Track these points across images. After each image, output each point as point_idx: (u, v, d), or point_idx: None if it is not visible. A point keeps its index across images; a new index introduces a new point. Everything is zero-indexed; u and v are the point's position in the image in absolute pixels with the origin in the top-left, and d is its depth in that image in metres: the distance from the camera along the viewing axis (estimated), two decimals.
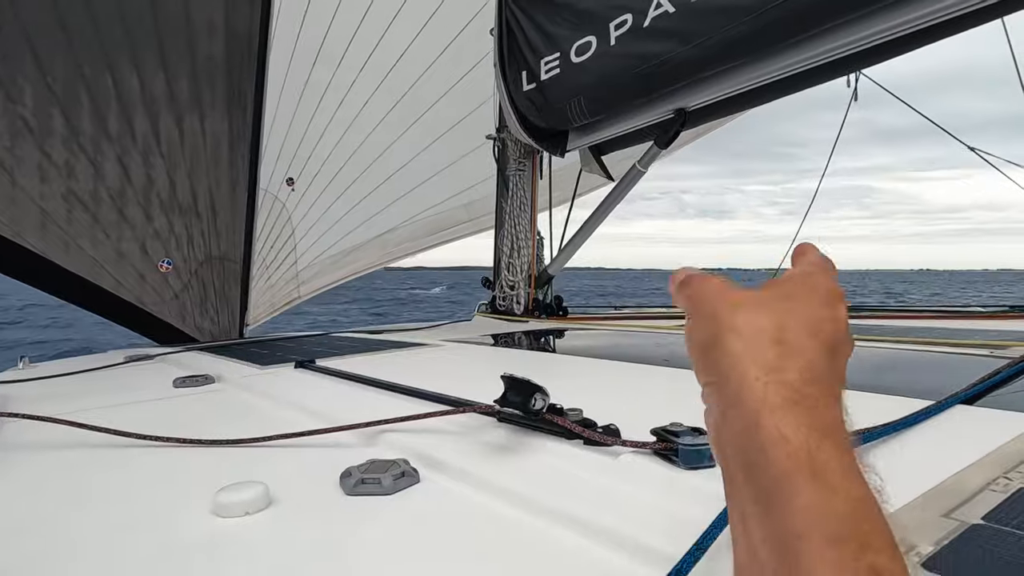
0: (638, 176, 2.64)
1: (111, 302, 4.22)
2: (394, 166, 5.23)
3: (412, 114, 5.04)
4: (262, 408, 1.38)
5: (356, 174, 5.17)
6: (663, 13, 2.13)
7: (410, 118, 5.05)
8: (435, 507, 0.77)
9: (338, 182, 5.15)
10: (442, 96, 5.01)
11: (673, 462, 0.76)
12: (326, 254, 5.42)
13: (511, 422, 0.99)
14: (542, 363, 1.88)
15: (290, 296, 5.51)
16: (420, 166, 5.28)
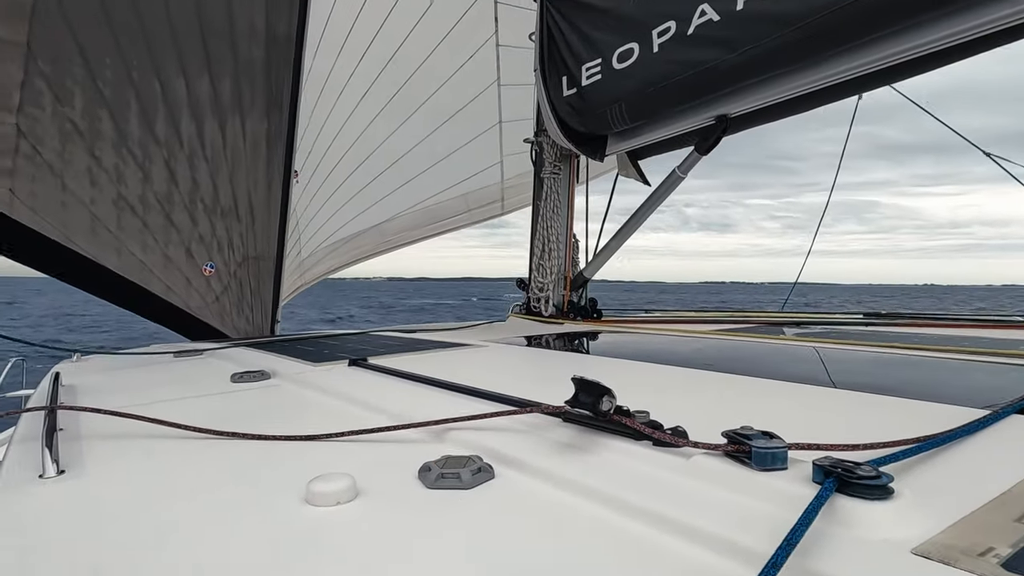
0: (677, 181, 2.66)
1: (160, 306, 4.31)
2: (393, 156, 5.29)
3: (411, 104, 5.08)
4: (325, 404, 1.41)
5: (356, 164, 5.23)
6: (707, 21, 2.15)
7: (409, 108, 5.10)
8: (514, 502, 0.80)
9: (338, 172, 5.22)
10: (440, 86, 5.05)
11: (745, 464, 0.79)
12: (327, 242, 5.50)
13: (577, 422, 1.02)
14: (585, 365, 1.91)
15: (295, 284, 5.60)
16: (419, 156, 5.34)
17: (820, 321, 2.77)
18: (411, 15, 4.70)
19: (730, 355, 2.00)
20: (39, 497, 0.90)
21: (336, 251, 5.77)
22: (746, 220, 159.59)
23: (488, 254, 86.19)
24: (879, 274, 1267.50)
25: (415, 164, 5.43)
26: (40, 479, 0.96)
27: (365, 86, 4.96)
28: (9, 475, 1.01)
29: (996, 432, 0.94)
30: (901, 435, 0.84)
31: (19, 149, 3.53)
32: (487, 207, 5.75)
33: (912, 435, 0.85)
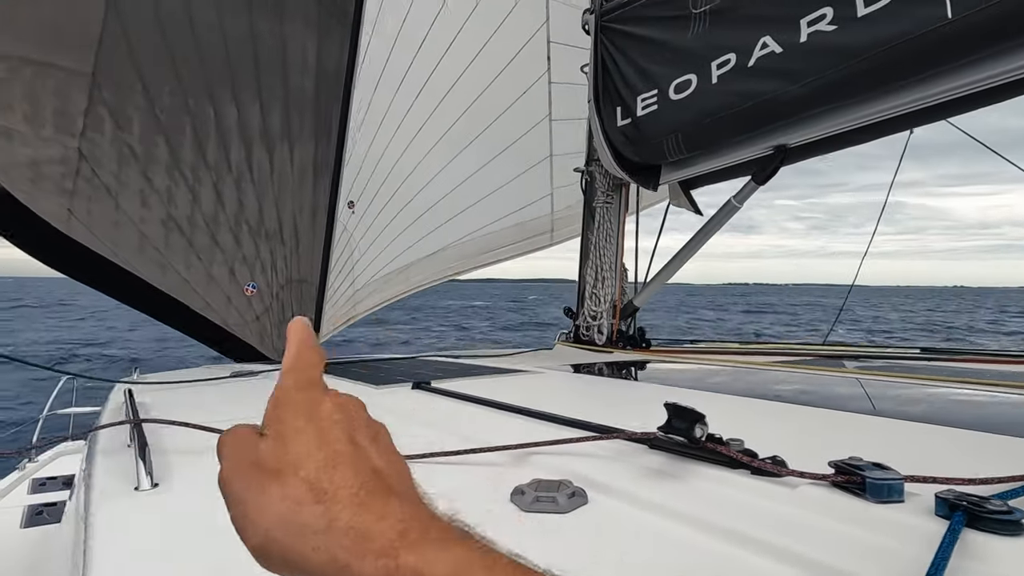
0: (733, 211, 2.65)
1: (199, 322, 4.41)
2: (446, 188, 5.38)
3: (465, 138, 5.20)
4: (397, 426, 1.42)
5: (410, 196, 5.33)
6: (769, 53, 2.16)
7: (463, 142, 5.22)
8: (612, 527, 0.79)
9: (393, 204, 5.32)
10: (494, 121, 5.17)
11: (858, 495, 0.77)
12: (380, 273, 5.58)
13: (664, 449, 1.01)
14: (649, 393, 1.89)
15: (348, 315, 5.66)
16: (471, 188, 5.43)
17: (878, 355, 2.71)
18: (467, 54, 4.86)
19: (797, 387, 1.97)
20: (135, 508, 0.92)
21: (389, 282, 5.85)
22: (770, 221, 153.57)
23: None
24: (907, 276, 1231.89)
25: (468, 196, 5.54)
26: (136, 491, 0.98)
27: (421, 121, 5.10)
28: (105, 487, 1.03)
29: None
30: (1011, 471, 0.82)
31: (80, 171, 3.67)
32: (536, 238, 5.85)
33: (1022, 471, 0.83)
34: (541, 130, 5.29)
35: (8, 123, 3.37)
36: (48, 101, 3.42)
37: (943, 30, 1.73)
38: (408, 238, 5.51)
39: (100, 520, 0.88)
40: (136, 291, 4.10)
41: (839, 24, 1.97)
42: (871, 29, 1.89)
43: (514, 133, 5.25)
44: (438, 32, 4.81)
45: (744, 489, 0.85)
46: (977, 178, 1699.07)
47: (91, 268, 3.83)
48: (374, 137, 4.96)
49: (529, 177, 5.51)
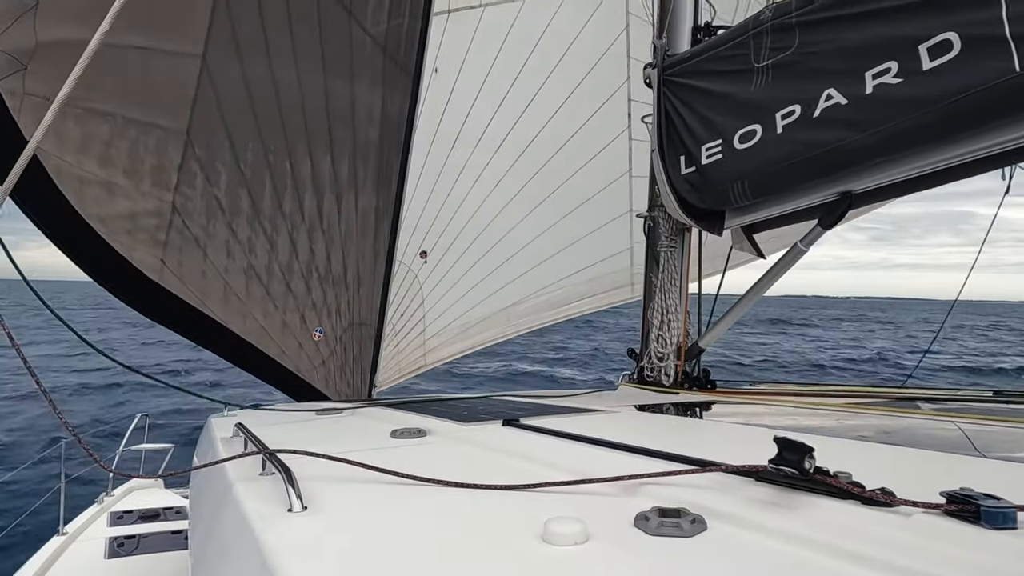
0: (799, 255, 2.72)
1: (273, 367, 4.59)
2: (523, 241, 5.50)
3: (543, 192, 5.33)
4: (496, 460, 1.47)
5: (486, 248, 5.46)
6: (834, 104, 2.26)
7: (540, 195, 5.35)
8: (734, 552, 0.85)
9: (469, 256, 5.46)
10: (573, 175, 5.31)
11: (973, 523, 0.84)
12: (453, 324, 5.69)
13: (771, 481, 1.08)
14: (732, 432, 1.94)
15: (417, 363, 5.78)
16: (548, 241, 5.53)
17: (951, 398, 2.71)
18: (547, 110, 5.08)
19: (880, 428, 2.00)
20: (295, 529, 1.01)
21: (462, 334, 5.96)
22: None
23: None
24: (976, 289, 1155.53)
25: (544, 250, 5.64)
26: (289, 512, 1.08)
27: (498, 176, 5.28)
28: (259, 509, 1.14)
29: None
30: None
31: (172, 224, 3.91)
32: (616, 291, 5.92)
33: None
34: (621, 186, 5.41)
35: (110, 177, 3.61)
36: (147, 157, 3.67)
37: (1011, 82, 1.81)
38: (481, 291, 5.62)
39: (271, 539, 0.98)
40: (220, 339, 4.28)
41: (904, 77, 2.06)
42: (937, 81, 1.98)
43: (592, 188, 5.37)
44: (520, 88, 5.02)
45: (858, 517, 0.90)
46: None
47: (180, 316, 4.04)
48: (450, 191, 5.16)
49: (607, 232, 5.58)
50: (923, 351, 3.79)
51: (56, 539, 3.89)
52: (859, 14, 2.19)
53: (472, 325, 5.78)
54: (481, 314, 5.74)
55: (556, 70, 4.99)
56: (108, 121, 3.49)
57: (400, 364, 5.62)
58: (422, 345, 5.66)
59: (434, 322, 5.59)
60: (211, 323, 4.15)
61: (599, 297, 5.80)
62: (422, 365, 5.79)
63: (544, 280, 5.71)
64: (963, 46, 1.90)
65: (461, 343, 5.88)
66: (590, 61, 4.94)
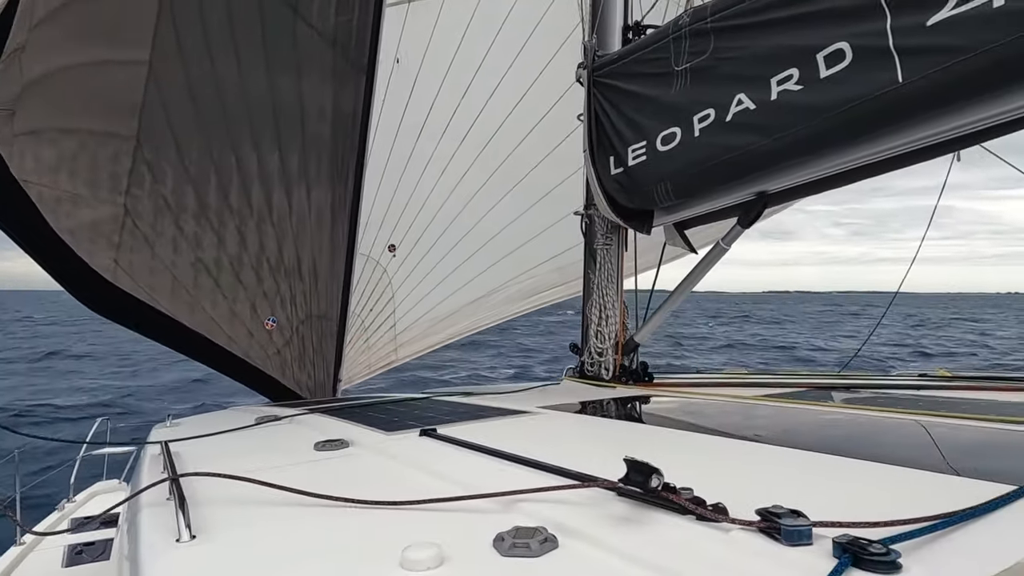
0: (722, 252, 2.80)
1: (224, 357, 4.61)
2: (491, 233, 5.51)
3: (508, 183, 5.35)
4: (404, 473, 1.55)
5: (455, 241, 5.47)
6: (744, 109, 2.32)
7: (506, 187, 5.37)
8: (576, 570, 0.92)
9: (438, 249, 5.46)
10: (536, 166, 5.32)
11: (776, 539, 0.92)
12: (424, 318, 5.68)
13: (631, 497, 1.16)
14: (636, 435, 2.02)
15: (388, 358, 5.79)
16: (515, 232, 5.54)
17: (871, 384, 2.82)
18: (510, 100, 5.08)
19: (775, 425, 2.10)
20: (178, 561, 1.06)
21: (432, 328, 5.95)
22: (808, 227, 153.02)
23: None
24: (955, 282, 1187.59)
25: (511, 240, 5.64)
26: (177, 543, 1.11)
27: (464, 168, 5.28)
28: (148, 538, 1.18)
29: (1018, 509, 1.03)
30: (925, 511, 0.95)
31: (124, 225, 3.91)
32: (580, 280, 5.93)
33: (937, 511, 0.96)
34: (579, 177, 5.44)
35: (75, 189, 3.66)
36: (104, 165, 3.72)
37: (895, 93, 1.89)
38: (451, 284, 5.61)
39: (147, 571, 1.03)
40: (170, 331, 4.31)
41: (804, 84, 2.13)
42: (833, 89, 2.05)
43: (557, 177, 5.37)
44: (483, 78, 5.01)
45: (689, 534, 0.99)
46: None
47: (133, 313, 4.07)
48: (417, 184, 5.16)
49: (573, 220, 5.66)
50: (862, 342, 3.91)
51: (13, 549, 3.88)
52: (767, 21, 2.26)
53: (444, 318, 5.80)
54: (452, 306, 5.75)
55: (517, 60, 4.99)
56: (73, 137, 3.58)
57: (370, 360, 5.62)
58: (393, 340, 5.67)
59: (405, 316, 5.59)
60: (161, 317, 4.18)
61: (568, 285, 5.85)
62: (393, 360, 5.81)
63: (513, 271, 5.74)
64: (854, 56, 1.98)
65: (433, 336, 5.90)
66: (549, 51, 4.95)
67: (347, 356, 5.35)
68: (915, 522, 0.92)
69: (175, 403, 13.03)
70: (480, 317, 5.97)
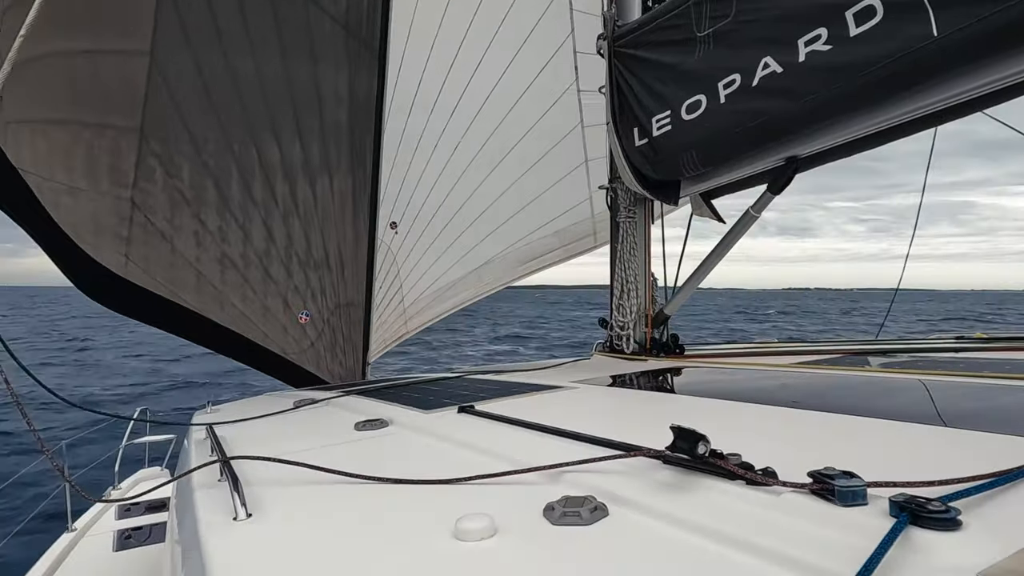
0: (752, 220, 2.76)
1: (258, 353, 4.67)
2: (486, 202, 5.54)
3: (500, 152, 5.36)
4: (443, 450, 1.55)
5: (451, 214, 5.51)
6: (771, 73, 2.27)
7: (498, 156, 5.38)
8: (627, 537, 0.93)
9: (436, 223, 5.50)
10: (527, 132, 5.32)
11: (830, 500, 0.92)
12: (429, 290, 5.76)
13: (677, 464, 1.16)
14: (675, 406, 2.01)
15: (399, 332, 5.87)
16: (511, 199, 5.58)
17: (907, 348, 2.78)
18: (495, 72, 5.04)
19: (814, 391, 2.07)
20: (239, 537, 1.08)
21: (438, 298, 6.03)
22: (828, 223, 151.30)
23: None
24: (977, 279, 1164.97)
25: (508, 208, 5.70)
26: (234, 521, 1.15)
27: (456, 140, 5.29)
28: (205, 517, 1.22)
29: None
30: (977, 470, 0.94)
31: (134, 219, 3.93)
32: (581, 241, 5.99)
33: (988, 470, 0.95)
34: (574, 138, 5.41)
35: (73, 182, 3.64)
36: (103, 158, 3.68)
37: (930, 48, 1.83)
38: (453, 255, 5.69)
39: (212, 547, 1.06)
40: (197, 327, 4.35)
41: (834, 44, 2.07)
42: (863, 47, 2.00)
43: (547, 143, 5.39)
44: (465, 55, 4.97)
45: (740, 499, 0.98)
46: None
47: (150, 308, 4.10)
48: (411, 160, 5.17)
49: (565, 184, 5.64)
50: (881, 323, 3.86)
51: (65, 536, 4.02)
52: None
53: (448, 288, 5.88)
54: (455, 276, 5.82)
55: (502, 28, 4.91)
56: (66, 128, 3.52)
57: (384, 336, 5.71)
58: (403, 314, 5.74)
59: (411, 290, 5.66)
60: (186, 313, 4.21)
61: (565, 248, 5.92)
62: (404, 333, 5.89)
63: (511, 237, 5.79)
64: (885, 11, 1.92)
65: (439, 306, 5.98)
66: (534, 16, 4.88)
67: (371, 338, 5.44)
68: (972, 480, 0.91)
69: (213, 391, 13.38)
70: (484, 284, 6.04)
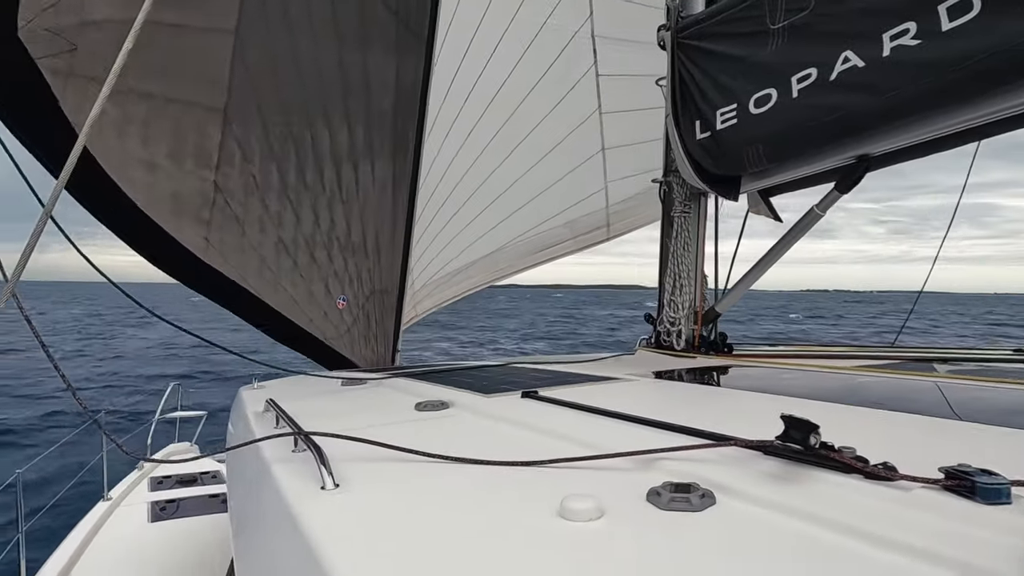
0: (816, 219, 2.71)
1: (301, 336, 4.70)
2: (499, 189, 5.49)
3: (514, 139, 5.30)
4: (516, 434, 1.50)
5: (463, 200, 5.47)
6: (851, 68, 2.22)
7: (512, 143, 5.33)
8: (742, 524, 0.88)
9: (447, 208, 5.47)
10: (543, 119, 5.26)
11: (968, 498, 0.87)
12: (438, 275, 5.74)
13: (779, 456, 1.12)
14: (746, 400, 1.97)
15: (408, 315, 5.87)
16: (523, 187, 5.51)
17: (969, 357, 2.71)
18: (511, 57, 4.98)
19: (892, 393, 2.02)
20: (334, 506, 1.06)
21: (448, 282, 6.01)
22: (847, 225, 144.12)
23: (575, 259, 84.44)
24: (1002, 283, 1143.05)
25: (520, 195, 5.64)
26: (322, 491, 1.13)
27: (470, 126, 5.25)
28: (295, 487, 1.20)
29: None
30: None
31: (215, 203, 3.95)
32: (592, 233, 5.90)
33: None
34: (591, 125, 5.32)
35: (152, 157, 3.64)
36: (189, 136, 3.68)
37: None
38: (464, 240, 5.66)
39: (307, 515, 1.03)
40: (257, 310, 4.38)
41: (923, 38, 2.02)
42: (955, 43, 1.94)
43: (563, 130, 5.31)
44: (482, 38, 4.93)
45: (860, 492, 0.93)
46: None
47: (224, 291, 4.14)
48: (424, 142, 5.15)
49: (580, 173, 5.55)
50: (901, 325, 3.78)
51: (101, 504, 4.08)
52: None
53: (456, 273, 5.85)
54: (463, 262, 5.78)
55: (520, 11, 4.88)
56: (146, 101, 3.50)
57: None
58: (412, 297, 5.73)
59: (421, 273, 5.65)
60: (250, 297, 4.25)
61: (576, 240, 5.84)
62: (413, 316, 5.89)
63: (522, 227, 5.72)
64: (983, 5, 1.86)
65: (448, 290, 5.96)
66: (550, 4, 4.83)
67: None
68: None
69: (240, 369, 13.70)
70: (493, 272, 5.99)
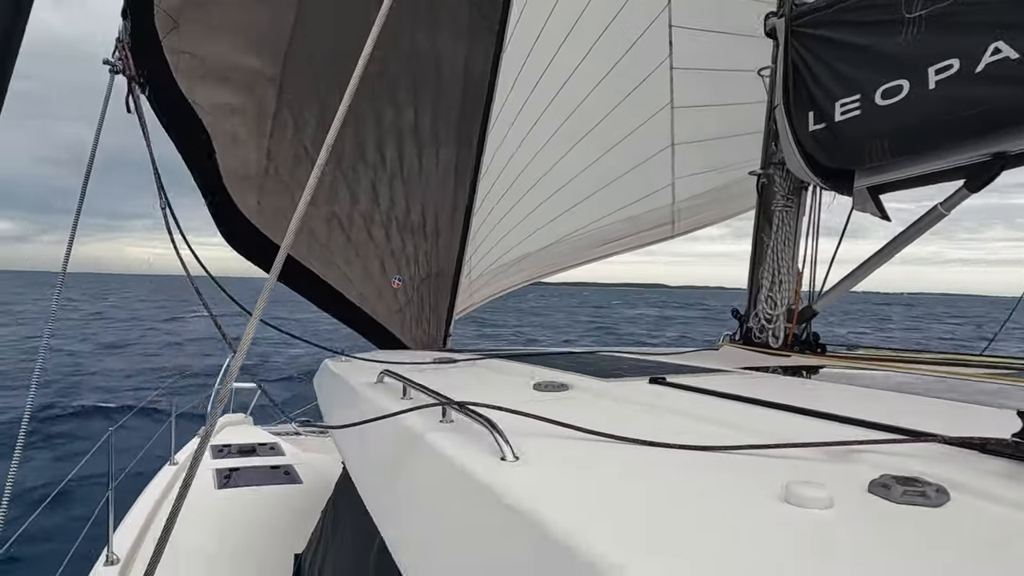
0: (939, 218, 2.61)
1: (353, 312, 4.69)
2: (562, 180, 5.41)
3: (581, 130, 5.21)
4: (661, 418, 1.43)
5: (526, 188, 5.40)
6: (1002, 59, 2.12)
7: (579, 133, 5.23)
8: (986, 524, 0.81)
9: (509, 196, 5.40)
10: (611, 111, 5.15)
11: None
12: (495, 264, 5.69)
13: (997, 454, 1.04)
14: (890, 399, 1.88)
15: (465, 304, 5.82)
16: (588, 179, 5.42)
17: None
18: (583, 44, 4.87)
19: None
20: (525, 477, 1.00)
21: (505, 272, 5.97)
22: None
23: None
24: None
25: (583, 188, 5.56)
26: (502, 461, 1.07)
27: (536, 115, 5.17)
28: (471, 459, 1.11)
29: None
30: None
31: (268, 170, 3.94)
32: (656, 230, 5.79)
33: None
34: (662, 118, 5.21)
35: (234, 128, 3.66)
36: (255, 106, 3.70)
37: None
38: (524, 230, 5.59)
39: (500, 487, 0.96)
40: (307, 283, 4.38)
41: None
42: None
43: (633, 122, 5.20)
44: (553, 25, 4.83)
45: None
46: None
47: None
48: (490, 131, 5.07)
49: (646, 169, 5.43)
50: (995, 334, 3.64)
51: (168, 468, 4.13)
52: None
53: (514, 263, 5.78)
54: (521, 252, 5.71)
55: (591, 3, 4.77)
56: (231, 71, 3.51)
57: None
58: (468, 287, 5.69)
59: (479, 262, 5.60)
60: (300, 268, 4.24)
61: (639, 236, 5.73)
62: (469, 305, 5.84)
63: (583, 220, 5.61)
64: None
65: (505, 280, 5.90)
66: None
67: None
68: None
69: None
70: (550, 264, 5.91)
